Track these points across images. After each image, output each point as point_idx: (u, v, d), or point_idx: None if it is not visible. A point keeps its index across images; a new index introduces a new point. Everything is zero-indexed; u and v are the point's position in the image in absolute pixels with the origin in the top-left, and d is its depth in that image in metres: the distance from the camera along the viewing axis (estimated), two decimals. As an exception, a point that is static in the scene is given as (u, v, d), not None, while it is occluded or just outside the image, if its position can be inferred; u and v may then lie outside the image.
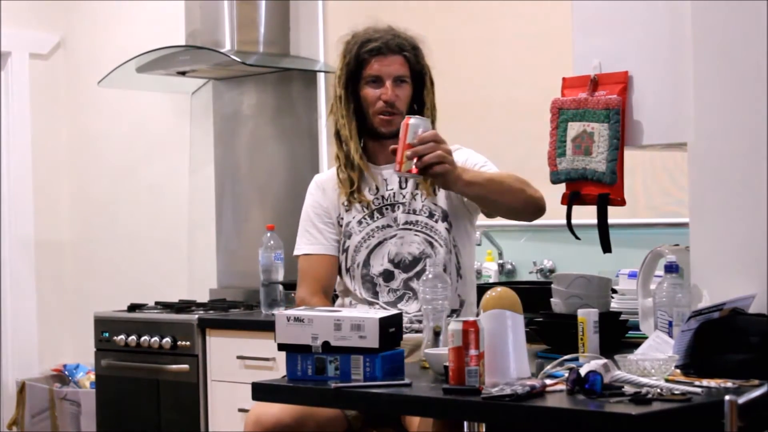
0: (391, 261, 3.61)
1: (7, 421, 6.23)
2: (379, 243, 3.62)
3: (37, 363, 6.42)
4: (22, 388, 6.16)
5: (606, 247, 3.23)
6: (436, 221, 3.62)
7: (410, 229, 3.62)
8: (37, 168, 6.52)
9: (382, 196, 3.64)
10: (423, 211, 3.62)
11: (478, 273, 4.82)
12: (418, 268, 3.60)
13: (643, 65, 3.18)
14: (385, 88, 3.59)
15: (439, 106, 3.66)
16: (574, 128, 3.22)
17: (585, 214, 3.38)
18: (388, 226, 3.62)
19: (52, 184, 6.60)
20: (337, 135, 3.64)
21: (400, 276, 3.61)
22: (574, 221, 3.31)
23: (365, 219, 3.64)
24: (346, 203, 3.65)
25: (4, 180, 6.41)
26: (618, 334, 3.36)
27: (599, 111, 3.17)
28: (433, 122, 3.58)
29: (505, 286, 2.93)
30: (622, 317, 3.44)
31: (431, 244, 3.61)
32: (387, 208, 3.63)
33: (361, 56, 3.60)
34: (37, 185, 6.51)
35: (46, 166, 6.56)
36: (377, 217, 3.63)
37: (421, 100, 3.66)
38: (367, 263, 3.62)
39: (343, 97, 3.62)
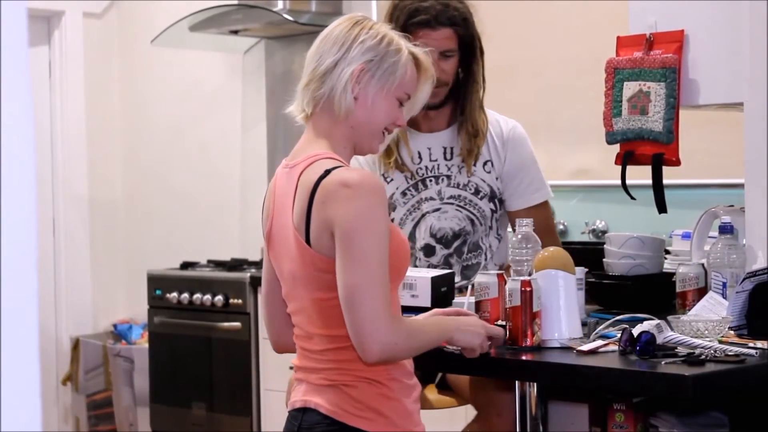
0: (433, 236, 3.51)
1: (61, 376, 6.30)
2: (423, 216, 3.51)
3: (91, 319, 6.49)
4: (76, 345, 6.23)
5: (661, 208, 3.21)
6: (481, 198, 3.51)
7: (452, 204, 3.51)
8: (90, 127, 6.55)
9: (426, 167, 3.51)
10: (469, 186, 3.51)
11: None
12: (456, 244, 3.52)
13: (699, 24, 3.15)
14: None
15: (492, 65, 3.58)
16: (630, 88, 3.20)
17: (638, 175, 3.36)
18: (431, 198, 3.51)
19: (105, 143, 6.64)
20: None
21: (441, 252, 3.51)
22: (627, 181, 3.29)
23: (409, 190, 3.52)
24: (386, 174, 3.51)
25: (58, 139, 6.46)
26: (670, 295, 3.35)
27: (655, 70, 3.14)
28: (482, 93, 3.49)
29: (557, 246, 2.93)
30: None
31: (472, 222, 3.52)
32: (431, 180, 3.51)
33: (408, 28, 3.37)
34: (90, 144, 6.55)
35: (99, 124, 6.60)
36: (421, 189, 3.51)
37: (468, 71, 3.49)
38: (412, 236, 3.52)
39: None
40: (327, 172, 2.44)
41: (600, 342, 2.68)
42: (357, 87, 2.54)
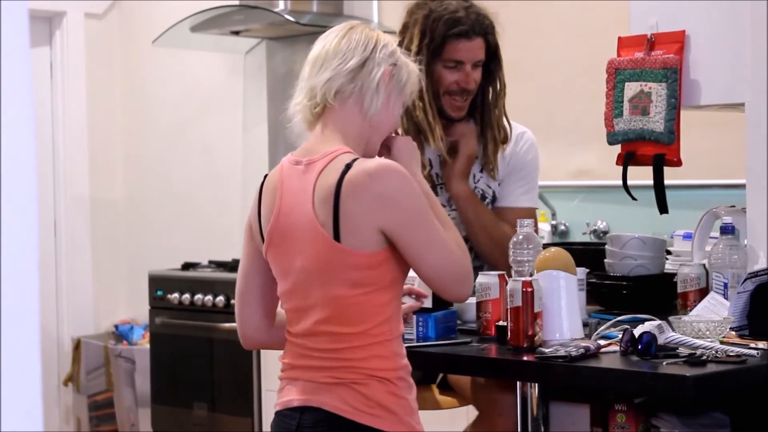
0: None
1: (63, 377, 6.30)
2: None
3: (93, 320, 6.49)
4: (77, 345, 6.23)
5: (662, 208, 3.21)
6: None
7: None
8: (91, 127, 6.55)
9: (437, 174, 3.49)
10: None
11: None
12: None
13: (700, 24, 3.15)
14: (464, 73, 3.40)
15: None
16: (631, 88, 3.20)
17: (639, 175, 3.36)
18: (442, 206, 3.49)
19: (107, 144, 6.64)
20: (407, 115, 3.38)
21: None
22: (628, 182, 3.29)
23: None
24: None
25: (59, 139, 6.46)
26: (672, 296, 3.35)
27: (657, 71, 3.14)
28: (504, 99, 3.49)
29: (558, 247, 2.93)
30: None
31: None
32: (441, 188, 3.49)
33: (447, 38, 3.37)
34: (91, 144, 6.56)
35: (101, 125, 6.60)
36: None
37: (491, 77, 3.48)
38: None
39: (423, 78, 3.24)
40: (348, 166, 2.46)
41: (601, 342, 2.68)
42: (387, 88, 2.57)
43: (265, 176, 2.69)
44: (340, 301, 2.48)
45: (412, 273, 2.65)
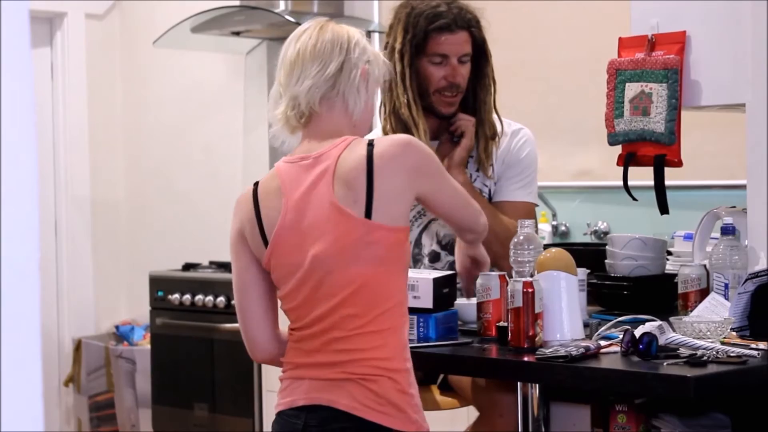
0: (439, 242, 3.48)
1: (63, 378, 6.30)
2: (429, 222, 3.48)
3: (93, 321, 6.49)
4: (78, 346, 6.23)
5: (663, 209, 3.21)
6: None
7: None
8: (92, 128, 6.55)
9: None
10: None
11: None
12: None
13: (701, 25, 3.15)
14: (451, 67, 3.38)
15: (494, 66, 3.55)
16: (631, 89, 3.20)
17: (640, 176, 3.36)
18: None
19: (107, 145, 6.64)
20: (395, 113, 3.40)
21: (446, 258, 3.47)
22: (629, 182, 3.29)
23: None
24: None
25: (60, 140, 6.46)
26: (672, 296, 3.35)
27: (657, 71, 3.14)
28: (494, 95, 3.47)
29: (559, 248, 2.93)
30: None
31: None
32: None
33: (429, 33, 3.36)
34: (92, 145, 6.56)
35: (102, 126, 6.60)
36: None
37: (480, 73, 3.46)
38: (418, 243, 3.49)
39: (407, 74, 3.37)
40: (370, 144, 2.49)
41: (602, 343, 2.68)
42: (366, 88, 2.60)
43: (256, 184, 2.66)
44: (362, 279, 2.47)
45: (412, 274, 2.66)
